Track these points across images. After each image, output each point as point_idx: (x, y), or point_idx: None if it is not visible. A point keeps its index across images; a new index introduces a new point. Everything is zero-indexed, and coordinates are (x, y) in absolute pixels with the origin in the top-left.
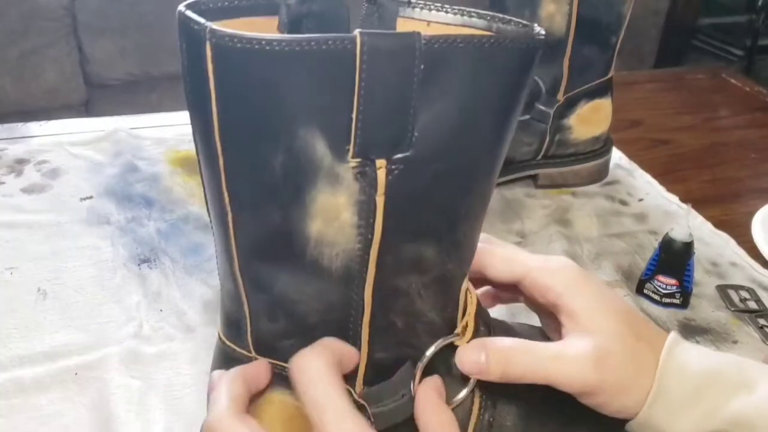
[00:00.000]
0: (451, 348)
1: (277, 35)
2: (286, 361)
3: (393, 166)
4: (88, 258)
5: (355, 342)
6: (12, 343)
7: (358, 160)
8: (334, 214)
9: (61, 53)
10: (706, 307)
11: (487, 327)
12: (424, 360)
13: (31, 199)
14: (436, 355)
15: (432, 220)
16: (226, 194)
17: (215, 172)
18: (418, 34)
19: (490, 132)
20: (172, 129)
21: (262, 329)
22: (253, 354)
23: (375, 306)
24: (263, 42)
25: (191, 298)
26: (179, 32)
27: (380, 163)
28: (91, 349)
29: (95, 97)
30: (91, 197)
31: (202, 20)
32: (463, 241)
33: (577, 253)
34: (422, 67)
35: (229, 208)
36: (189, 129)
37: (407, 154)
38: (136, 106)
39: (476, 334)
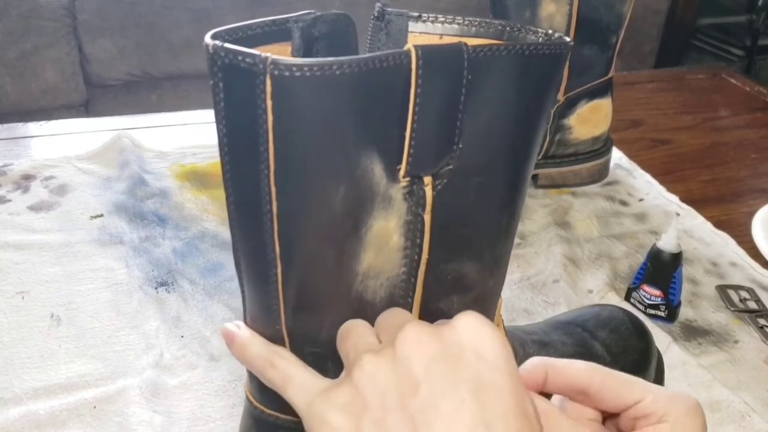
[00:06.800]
0: None
1: (334, 59)
2: None
3: (438, 181)
4: (103, 280)
5: None
6: (26, 374)
7: (408, 179)
8: (385, 240)
9: (61, 53)
10: (706, 308)
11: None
12: None
13: (39, 218)
14: None
15: (475, 236)
16: (276, 245)
17: (262, 221)
18: (465, 44)
19: (526, 139)
20: (171, 142)
21: None
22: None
23: None
24: (334, 67)
25: (213, 322)
26: (213, 68)
27: (427, 180)
28: (109, 380)
29: (95, 97)
30: (101, 215)
31: (257, 52)
32: (503, 257)
33: (578, 253)
34: (470, 77)
35: (279, 260)
36: (188, 143)
37: (451, 167)
38: (136, 106)
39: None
